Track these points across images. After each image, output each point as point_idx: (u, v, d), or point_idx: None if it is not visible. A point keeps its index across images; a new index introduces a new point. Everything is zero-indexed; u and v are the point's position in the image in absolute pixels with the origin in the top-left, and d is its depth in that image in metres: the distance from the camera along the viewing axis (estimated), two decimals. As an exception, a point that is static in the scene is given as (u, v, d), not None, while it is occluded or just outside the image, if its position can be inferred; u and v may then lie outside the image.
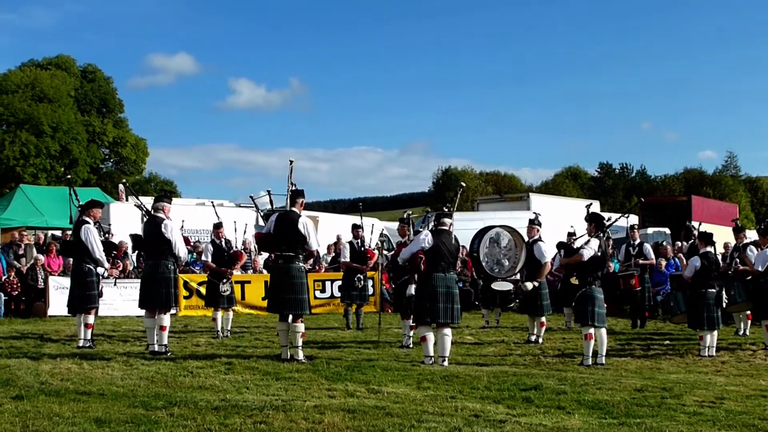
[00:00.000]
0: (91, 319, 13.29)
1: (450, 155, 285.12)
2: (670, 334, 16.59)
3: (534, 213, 16.90)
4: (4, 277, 20.20)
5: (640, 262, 18.12)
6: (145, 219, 13.32)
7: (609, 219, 13.35)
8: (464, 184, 14.63)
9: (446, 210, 12.15)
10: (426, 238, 11.56)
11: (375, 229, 18.61)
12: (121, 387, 8.96)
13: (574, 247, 12.76)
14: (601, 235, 12.25)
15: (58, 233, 28.16)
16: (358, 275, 17.26)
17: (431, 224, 12.24)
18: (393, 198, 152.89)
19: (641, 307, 18.43)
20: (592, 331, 11.90)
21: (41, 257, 20.93)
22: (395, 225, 17.73)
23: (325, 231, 26.29)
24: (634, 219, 27.72)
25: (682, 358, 13.17)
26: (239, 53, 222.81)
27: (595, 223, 12.36)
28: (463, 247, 23.97)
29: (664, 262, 21.46)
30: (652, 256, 18.95)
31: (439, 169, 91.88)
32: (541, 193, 51.14)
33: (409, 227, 14.52)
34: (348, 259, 17.49)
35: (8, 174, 54.57)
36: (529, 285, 14.70)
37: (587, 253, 11.95)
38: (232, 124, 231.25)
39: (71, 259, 14.45)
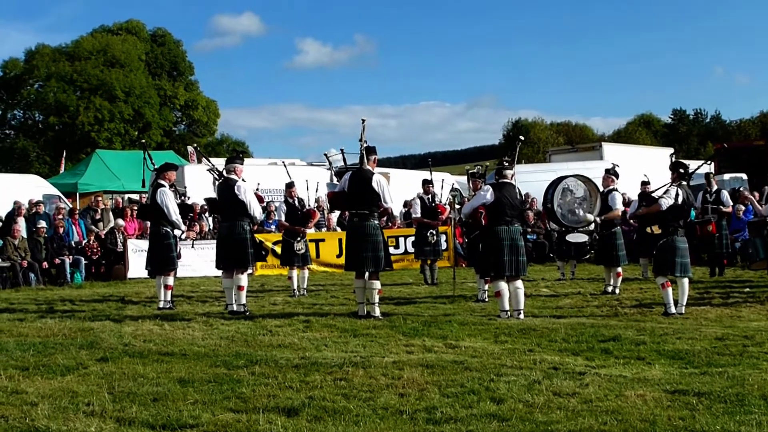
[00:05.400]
0: (170, 280, 13.52)
1: (519, 107, 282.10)
2: (750, 282, 16.31)
3: (612, 164, 16.65)
4: (84, 242, 20.65)
5: (722, 209, 17.77)
6: (217, 182, 13.46)
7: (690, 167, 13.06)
8: (522, 138, 14.45)
9: (506, 162, 12.06)
10: (487, 192, 11.56)
11: (445, 183, 18.51)
12: (202, 347, 9.14)
13: (654, 196, 12.57)
14: (684, 183, 12.01)
15: (135, 197, 28.66)
16: (431, 230, 17.23)
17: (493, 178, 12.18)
18: (463, 152, 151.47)
19: (719, 255, 18.12)
20: (666, 280, 11.77)
21: (121, 221, 21.31)
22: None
23: (396, 187, 26.18)
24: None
25: (763, 305, 12.93)
26: (304, 12, 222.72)
27: (676, 172, 12.12)
28: (535, 198, 23.86)
29: (742, 209, 21.00)
30: (730, 203, 18.59)
31: (509, 121, 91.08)
32: (614, 142, 50.36)
33: (483, 181, 14.40)
34: (419, 215, 17.47)
35: (84, 140, 55.48)
36: (590, 217, 14.47)
37: (665, 203, 11.74)
38: (300, 83, 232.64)
39: (148, 222, 14.70)
